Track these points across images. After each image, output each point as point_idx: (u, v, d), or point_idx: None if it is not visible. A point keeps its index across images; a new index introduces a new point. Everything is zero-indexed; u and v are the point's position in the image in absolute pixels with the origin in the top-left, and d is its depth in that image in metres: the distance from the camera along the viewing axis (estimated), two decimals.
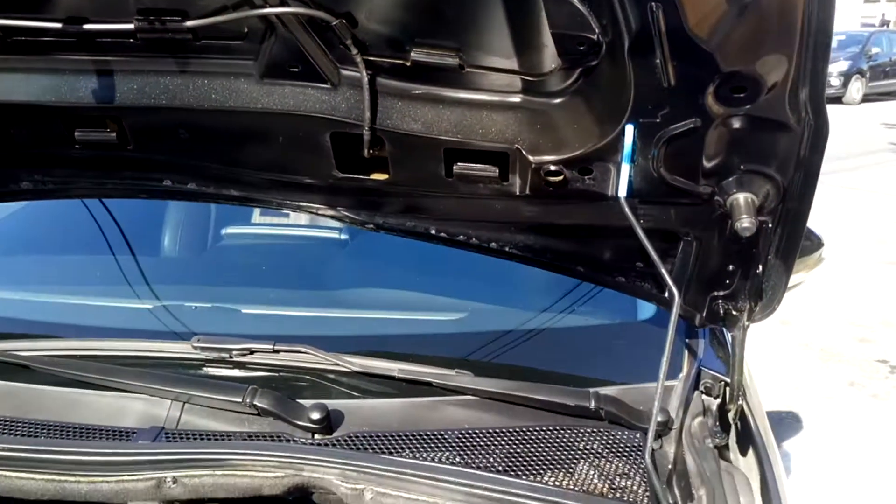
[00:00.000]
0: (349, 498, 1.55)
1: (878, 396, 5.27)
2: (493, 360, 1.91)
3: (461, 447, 1.64)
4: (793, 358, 5.84)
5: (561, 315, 2.07)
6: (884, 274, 7.66)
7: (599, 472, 1.60)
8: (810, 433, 4.82)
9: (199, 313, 2.10)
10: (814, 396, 5.27)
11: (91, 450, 1.56)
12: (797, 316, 6.56)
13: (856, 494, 4.16)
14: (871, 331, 6.31)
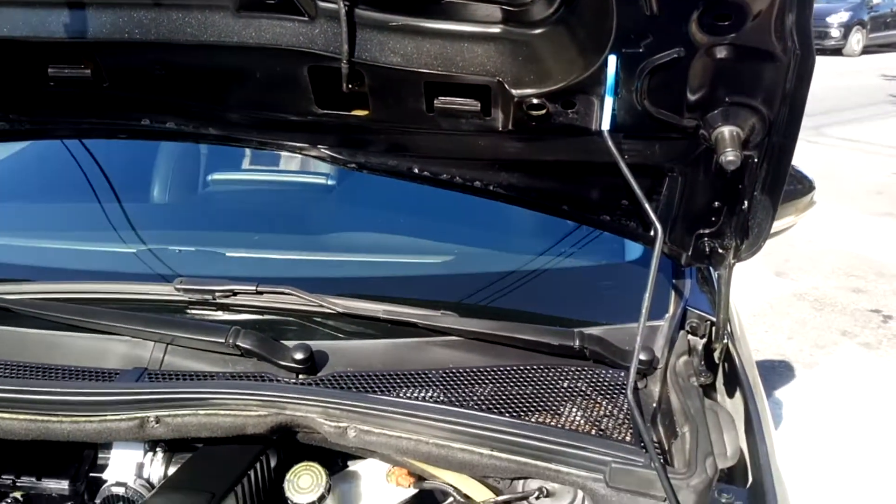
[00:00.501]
0: (333, 436, 1.55)
1: (870, 346, 5.29)
2: (479, 302, 1.90)
3: (445, 386, 1.64)
4: (786, 308, 5.85)
5: (547, 258, 2.05)
6: (879, 225, 7.65)
7: (583, 410, 1.61)
8: (802, 382, 4.85)
9: (183, 257, 2.08)
10: (806, 346, 5.29)
11: (73, 390, 1.56)
12: (791, 267, 6.57)
13: (846, 442, 4.20)
14: (864, 281, 6.32)
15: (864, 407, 4.51)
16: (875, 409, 4.50)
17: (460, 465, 1.53)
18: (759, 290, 6.09)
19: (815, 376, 4.91)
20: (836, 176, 8.96)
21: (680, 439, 1.53)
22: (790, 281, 6.35)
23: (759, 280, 6.29)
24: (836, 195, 8.28)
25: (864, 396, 4.64)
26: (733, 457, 1.59)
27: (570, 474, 1.49)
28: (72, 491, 1.68)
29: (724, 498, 1.46)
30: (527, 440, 1.49)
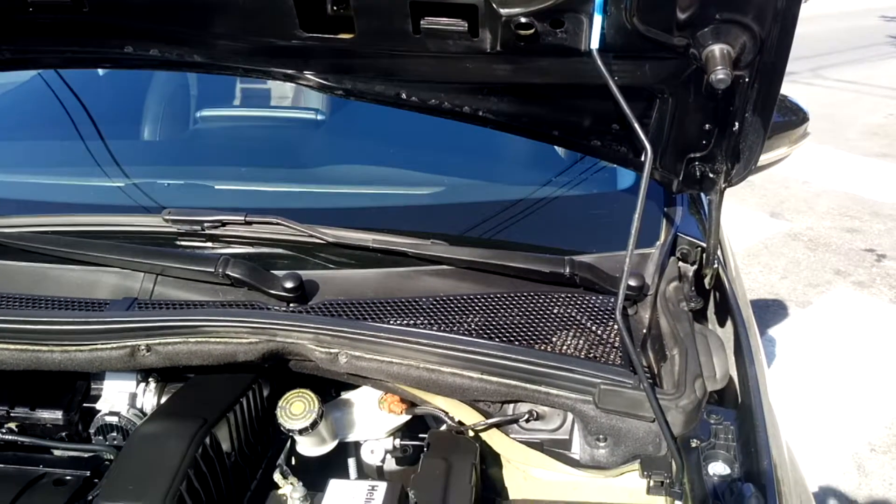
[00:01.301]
0: (324, 362, 1.55)
1: (863, 284, 5.32)
2: (469, 232, 1.90)
3: (435, 314, 1.64)
4: (781, 249, 5.87)
5: (538, 188, 2.04)
6: (875, 166, 7.64)
7: (573, 335, 1.61)
8: (795, 320, 4.88)
9: (172, 190, 2.07)
10: (800, 285, 5.31)
11: (64, 319, 1.56)
12: (787, 209, 6.57)
13: (839, 377, 4.24)
14: (859, 221, 6.33)
15: (855, 344, 4.55)
16: (866, 345, 4.54)
17: (451, 390, 1.54)
18: (753, 231, 6.10)
19: (808, 315, 4.94)
20: (833, 118, 8.92)
21: (669, 362, 1.54)
22: (785, 222, 6.36)
23: (754, 221, 6.30)
24: (832, 137, 8.26)
25: (856, 334, 4.68)
26: (722, 379, 1.60)
27: (559, 396, 1.50)
28: (66, 421, 1.69)
29: (712, 419, 1.47)
30: (516, 363, 1.49)
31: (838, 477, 3.57)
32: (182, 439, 1.43)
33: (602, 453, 1.53)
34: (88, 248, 1.74)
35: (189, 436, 1.44)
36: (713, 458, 1.41)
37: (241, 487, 1.60)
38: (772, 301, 5.07)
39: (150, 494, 1.33)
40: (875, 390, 4.13)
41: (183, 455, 1.40)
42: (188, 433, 1.45)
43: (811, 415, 3.87)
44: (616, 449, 1.51)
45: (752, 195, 6.81)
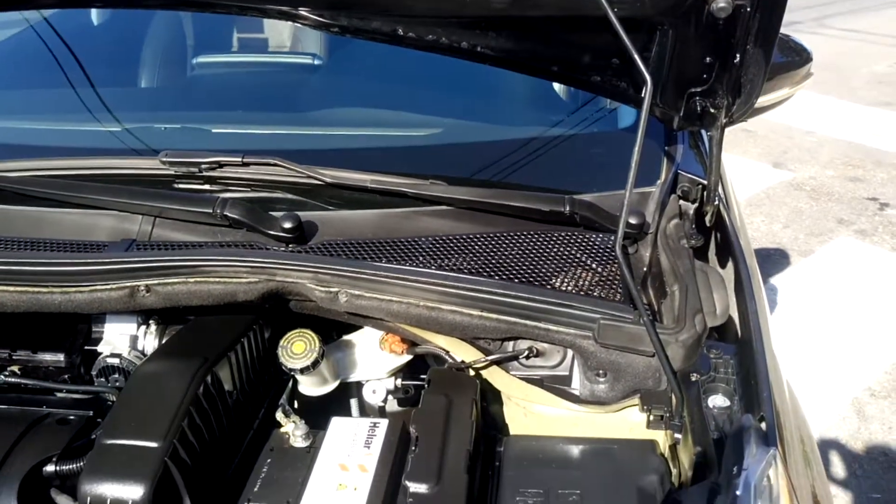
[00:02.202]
0: (324, 301, 1.55)
1: (866, 233, 5.31)
2: (469, 172, 1.88)
3: (435, 253, 1.63)
4: (783, 198, 5.84)
5: (538, 128, 2.02)
6: (879, 115, 7.57)
7: (573, 273, 1.60)
8: (797, 269, 4.88)
9: (169, 134, 2.05)
10: (802, 234, 5.30)
11: (63, 260, 1.56)
12: (790, 159, 6.53)
13: (839, 325, 4.25)
14: (862, 171, 6.30)
15: (857, 291, 4.55)
16: (868, 293, 4.54)
17: (451, 327, 1.54)
18: (756, 182, 6.08)
19: (810, 263, 4.94)
20: (837, 67, 8.82)
21: (669, 298, 1.54)
22: (788, 172, 6.33)
23: (756, 171, 6.27)
24: (837, 86, 8.18)
25: (857, 282, 4.68)
26: (723, 315, 1.60)
27: (559, 332, 1.50)
28: (67, 363, 1.70)
29: (712, 354, 1.48)
30: (516, 300, 1.49)
31: (838, 422, 3.60)
32: (183, 377, 1.44)
33: (602, 388, 1.53)
34: (86, 191, 1.73)
35: (190, 374, 1.45)
36: (713, 391, 1.42)
37: (243, 427, 1.61)
38: (774, 250, 5.06)
39: (151, 431, 1.34)
40: (876, 337, 4.14)
41: (184, 393, 1.41)
42: (189, 371, 1.45)
43: (811, 361, 3.88)
44: (616, 384, 1.52)
45: (755, 146, 6.77)
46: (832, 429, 3.54)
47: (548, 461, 1.48)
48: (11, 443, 1.47)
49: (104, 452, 1.33)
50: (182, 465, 1.34)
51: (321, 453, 1.48)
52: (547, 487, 1.40)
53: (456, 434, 1.45)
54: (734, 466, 1.20)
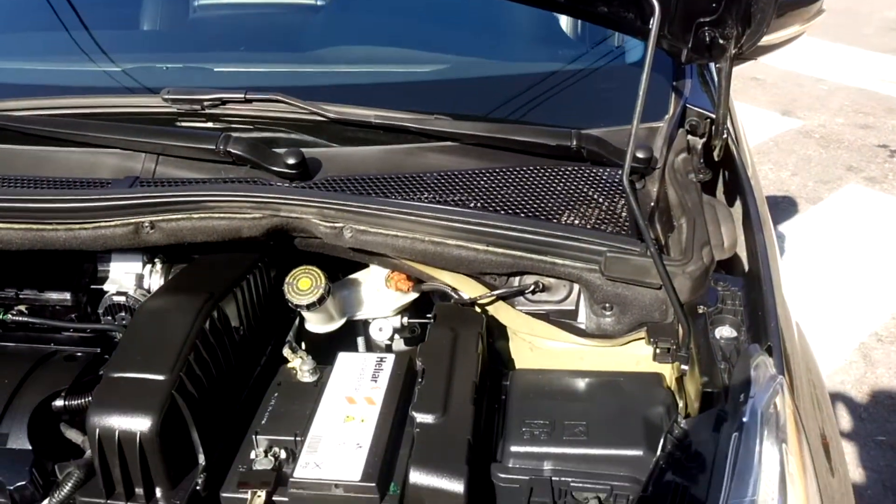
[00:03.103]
0: (329, 237, 1.54)
1: (875, 180, 5.27)
2: (473, 109, 1.85)
3: (440, 189, 1.61)
4: (792, 146, 5.79)
5: (544, 63, 1.99)
6: (891, 63, 7.46)
7: (580, 207, 1.59)
8: (806, 216, 4.85)
9: (171, 73, 2.03)
10: (811, 182, 5.26)
11: (66, 196, 1.55)
12: (799, 106, 6.46)
13: (847, 271, 4.24)
14: (873, 118, 6.23)
15: (865, 238, 4.53)
16: (876, 239, 4.52)
17: (456, 263, 1.53)
18: (764, 130, 6.02)
19: (819, 211, 4.91)
20: (850, 13, 8.67)
21: (677, 231, 1.53)
22: (797, 120, 6.26)
23: (764, 120, 6.21)
24: (848, 33, 8.04)
25: (866, 228, 4.66)
26: (730, 249, 1.59)
27: (565, 266, 1.49)
28: (74, 301, 1.70)
29: (720, 286, 1.47)
30: (522, 233, 1.48)
31: (844, 367, 3.60)
32: (189, 312, 1.44)
33: (608, 322, 1.53)
34: (88, 129, 1.71)
35: (196, 309, 1.45)
36: (720, 322, 1.41)
37: (250, 363, 1.61)
38: (782, 198, 5.03)
39: (158, 364, 1.35)
40: (883, 282, 4.13)
41: (190, 327, 1.41)
42: (195, 306, 1.45)
43: (819, 307, 3.88)
44: (622, 317, 1.51)
45: (764, 94, 6.69)
46: (838, 373, 3.55)
47: (554, 394, 1.48)
48: (20, 378, 1.48)
49: (112, 385, 1.34)
50: (189, 398, 1.35)
51: (328, 387, 1.48)
52: (553, 419, 1.40)
53: (462, 366, 1.45)
54: (741, 395, 1.20)
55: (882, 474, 3.05)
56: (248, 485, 1.31)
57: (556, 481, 1.34)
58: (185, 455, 1.35)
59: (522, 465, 1.35)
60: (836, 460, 1.52)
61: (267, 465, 1.35)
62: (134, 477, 1.31)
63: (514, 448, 1.37)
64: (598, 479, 1.33)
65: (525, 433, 1.38)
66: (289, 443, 1.38)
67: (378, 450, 1.34)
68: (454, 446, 1.31)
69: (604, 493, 1.33)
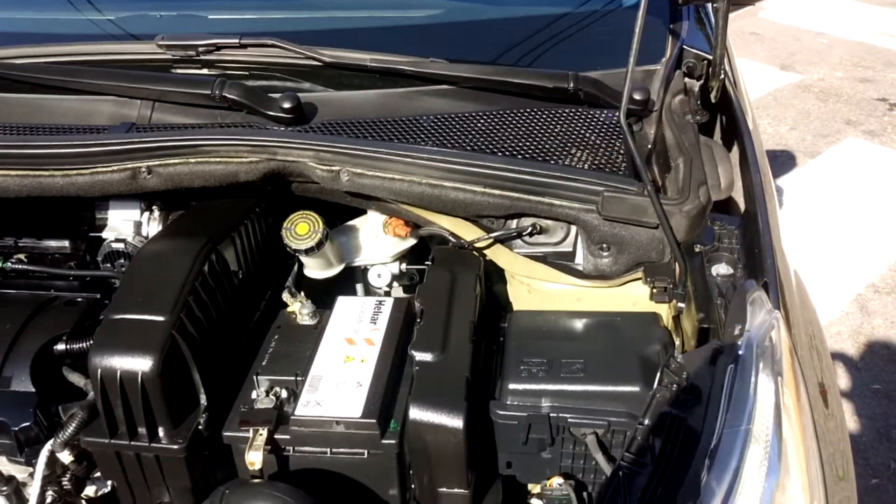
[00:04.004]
0: (325, 181, 1.54)
1: (874, 133, 5.25)
2: (470, 53, 1.84)
3: (437, 131, 1.61)
4: (790, 101, 5.76)
5: (541, 7, 1.97)
6: (891, 16, 7.40)
7: (577, 149, 1.58)
8: (804, 170, 4.84)
9: (165, 21, 2.00)
10: (809, 135, 5.25)
11: (63, 142, 1.54)
12: (798, 61, 6.42)
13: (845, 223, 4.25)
14: (872, 71, 6.19)
15: (864, 191, 4.53)
16: (875, 192, 4.52)
17: (454, 205, 1.53)
18: (763, 84, 5.99)
19: (817, 164, 4.90)
20: None
21: (674, 171, 1.52)
22: (796, 74, 6.22)
23: (763, 74, 6.17)
24: None
25: (864, 181, 4.65)
26: (727, 189, 1.59)
27: (562, 207, 1.49)
28: (73, 249, 1.71)
29: (716, 225, 1.47)
30: (519, 174, 1.48)
31: (841, 318, 3.62)
32: (188, 255, 1.44)
33: (605, 262, 1.54)
34: (84, 76, 1.71)
35: (195, 252, 1.45)
36: (717, 260, 1.42)
37: (250, 307, 1.62)
38: (780, 152, 5.02)
39: (158, 305, 1.35)
40: (881, 234, 4.13)
41: (189, 269, 1.41)
42: (194, 249, 1.46)
43: (816, 259, 3.89)
44: (619, 257, 1.52)
45: (762, 48, 6.64)
46: (835, 324, 3.57)
47: (551, 334, 1.49)
48: (21, 323, 1.48)
49: (112, 327, 1.35)
50: (190, 339, 1.36)
51: (328, 329, 1.49)
52: (550, 357, 1.41)
53: (460, 307, 1.46)
54: (737, 329, 1.20)
55: (877, 422, 3.08)
56: (250, 423, 1.32)
57: (553, 418, 1.35)
58: (187, 395, 1.37)
59: (520, 402, 1.37)
60: (834, 407, 1.53)
61: (268, 405, 1.36)
62: (136, 417, 1.32)
63: (512, 386, 1.38)
64: (596, 416, 1.35)
65: (523, 371, 1.40)
66: (289, 383, 1.39)
67: (378, 388, 1.35)
68: (453, 383, 1.32)
69: (601, 429, 1.35)
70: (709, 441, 1.09)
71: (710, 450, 1.07)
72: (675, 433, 1.16)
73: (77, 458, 1.39)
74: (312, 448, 1.33)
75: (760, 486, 1.04)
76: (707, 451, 1.08)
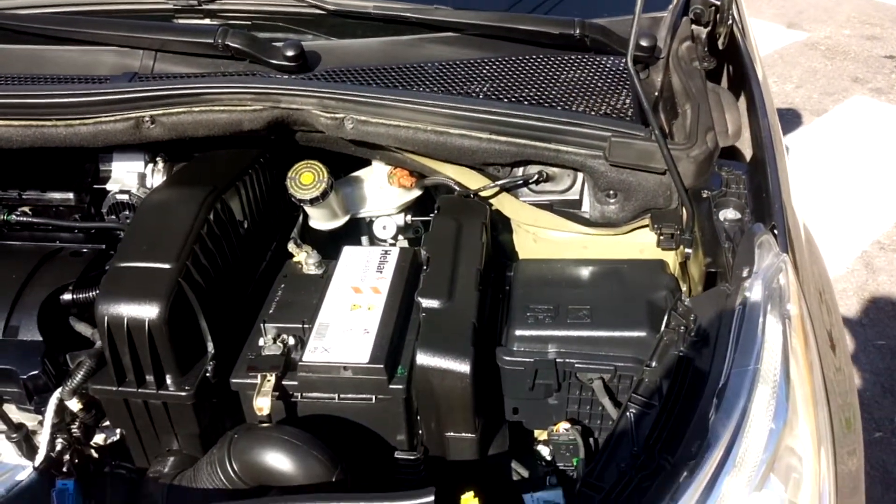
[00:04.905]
0: (330, 129, 1.53)
1: (881, 91, 5.20)
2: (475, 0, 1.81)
3: (442, 78, 1.59)
4: (797, 59, 5.70)
5: None
6: None
7: (583, 96, 1.57)
8: (810, 128, 4.81)
9: None
10: (816, 93, 5.20)
11: (66, 91, 1.53)
12: (805, 18, 6.35)
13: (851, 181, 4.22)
14: (880, 29, 6.12)
15: (870, 148, 4.50)
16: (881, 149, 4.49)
17: (459, 153, 1.52)
18: (769, 42, 5.92)
19: (823, 122, 4.86)
20: None
21: (681, 117, 1.51)
22: (802, 32, 6.15)
23: (769, 32, 6.10)
24: None
25: (870, 139, 4.62)
26: (735, 135, 1.58)
27: (569, 153, 1.48)
28: (77, 201, 1.70)
29: (724, 171, 1.46)
30: (526, 120, 1.47)
31: (846, 275, 3.62)
32: (193, 203, 1.44)
33: (612, 209, 1.53)
34: (85, 27, 1.68)
35: (200, 200, 1.45)
36: (724, 205, 1.41)
37: (255, 258, 1.62)
38: (786, 110, 4.97)
39: (164, 253, 1.35)
40: (887, 192, 4.11)
41: (194, 217, 1.41)
42: (198, 198, 1.45)
43: (822, 217, 3.87)
44: (626, 204, 1.51)
45: (769, 6, 6.56)
46: (840, 281, 3.57)
47: (557, 281, 1.49)
48: (27, 273, 1.48)
49: (118, 275, 1.34)
50: (196, 286, 1.36)
51: (334, 278, 1.49)
52: (557, 304, 1.41)
53: (466, 255, 1.46)
54: (745, 271, 1.20)
55: (881, 376, 3.09)
56: (258, 369, 1.33)
57: (560, 363, 1.36)
58: (194, 343, 1.37)
59: (527, 348, 1.37)
60: (842, 361, 1.53)
61: (276, 351, 1.37)
62: (144, 364, 1.33)
63: (519, 332, 1.38)
64: (602, 361, 1.35)
65: (529, 318, 1.40)
66: (297, 330, 1.39)
67: (385, 335, 1.35)
68: (460, 329, 1.32)
69: (608, 374, 1.35)
70: (716, 381, 1.09)
71: (717, 389, 1.07)
72: (682, 374, 1.16)
73: (86, 407, 1.40)
74: (320, 394, 1.34)
75: (768, 426, 1.04)
76: (715, 391, 1.08)
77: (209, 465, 1.26)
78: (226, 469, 1.23)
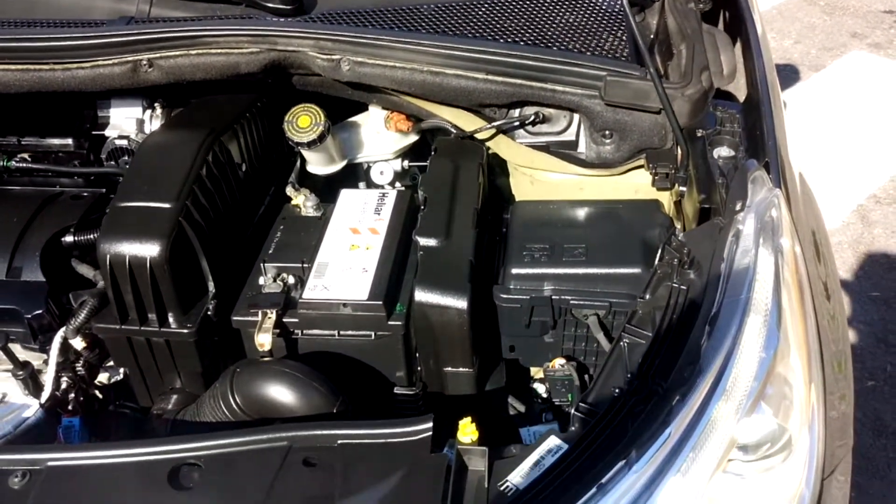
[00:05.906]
0: (326, 70, 1.53)
1: (880, 46, 5.17)
2: None
3: (438, 19, 1.59)
4: (795, 13, 5.66)
5: None
6: None
7: (579, 36, 1.56)
8: (808, 84, 4.79)
9: None
10: (814, 49, 5.17)
11: (63, 34, 1.53)
12: None
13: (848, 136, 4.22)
14: None
15: (867, 103, 4.49)
16: (879, 104, 4.48)
17: (456, 94, 1.53)
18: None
19: (822, 78, 4.84)
20: None
21: (676, 57, 1.52)
22: None
23: None
24: None
25: (868, 94, 4.61)
26: (730, 76, 1.58)
27: (565, 93, 1.49)
28: (76, 146, 1.71)
29: (718, 110, 1.47)
30: (522, 59, 1.48)
31: (842, 228, 3.63)
32: (191, 145, 1.45)
33: (608, 150, 1.54)
34: None
35: (198, 142, 1.46)
36: (718, 143, 1.42)
37: (254, 201, 1.63)
38: (783, 66, 4.95)
39: (163, 193, 1.37)
40: (884, 146, 4.11)
41: (194, 158, 1.42)
42: (197, 140, 1.46)
43: (818, 170, 3.87)
44: (622, 144, 1.52)
45: None
46: (836, 234, 3.58)
47: (554, 221, 1.50)
48: (29, 216, 1.50)
49: (119, 214, 1.36)
50: (196, 226, 1.37)
51: (332, 220, 1.51)
52: (553, 243, 1.43)
53: (463, 194, 1.47)
54: (738, 204, 1.21)
55: (874, 327, 3.12)
56: (258, 306, 1.34)
57: (556, 300, 1.38)
58: (196, 282, 1.39)
59: (523, 286, 1.39)
60: (837, 309, 1.54)
61: (276, 289, 1.39)
62: (146, 303, 1.35)
63: (515, 270, 1.40)
64: (597, 297, 1.37)
65: (525, 256, 1.41)
66: (296, 269, 1.41)
67: (383, 273, 1.37)
68: (457, 267, 1.35)
69: (603, 310, 1.37)
70: (709, 310, 1.11)
71: (709, 317, 1.09)
72: (675, 304, 1.18)
73: (90, 345, 1.42)
74: (320, 331, 1.36)
75: (759, 355, 1.06)
76: (707, 318, 1.10)
77: (212, 398, 1.29)
78: (228, 402, 1.26)
